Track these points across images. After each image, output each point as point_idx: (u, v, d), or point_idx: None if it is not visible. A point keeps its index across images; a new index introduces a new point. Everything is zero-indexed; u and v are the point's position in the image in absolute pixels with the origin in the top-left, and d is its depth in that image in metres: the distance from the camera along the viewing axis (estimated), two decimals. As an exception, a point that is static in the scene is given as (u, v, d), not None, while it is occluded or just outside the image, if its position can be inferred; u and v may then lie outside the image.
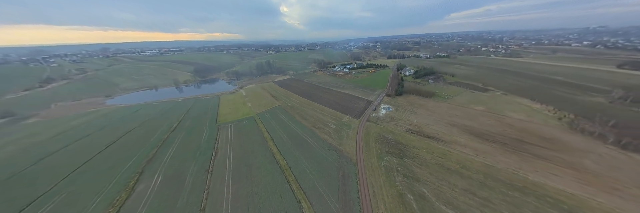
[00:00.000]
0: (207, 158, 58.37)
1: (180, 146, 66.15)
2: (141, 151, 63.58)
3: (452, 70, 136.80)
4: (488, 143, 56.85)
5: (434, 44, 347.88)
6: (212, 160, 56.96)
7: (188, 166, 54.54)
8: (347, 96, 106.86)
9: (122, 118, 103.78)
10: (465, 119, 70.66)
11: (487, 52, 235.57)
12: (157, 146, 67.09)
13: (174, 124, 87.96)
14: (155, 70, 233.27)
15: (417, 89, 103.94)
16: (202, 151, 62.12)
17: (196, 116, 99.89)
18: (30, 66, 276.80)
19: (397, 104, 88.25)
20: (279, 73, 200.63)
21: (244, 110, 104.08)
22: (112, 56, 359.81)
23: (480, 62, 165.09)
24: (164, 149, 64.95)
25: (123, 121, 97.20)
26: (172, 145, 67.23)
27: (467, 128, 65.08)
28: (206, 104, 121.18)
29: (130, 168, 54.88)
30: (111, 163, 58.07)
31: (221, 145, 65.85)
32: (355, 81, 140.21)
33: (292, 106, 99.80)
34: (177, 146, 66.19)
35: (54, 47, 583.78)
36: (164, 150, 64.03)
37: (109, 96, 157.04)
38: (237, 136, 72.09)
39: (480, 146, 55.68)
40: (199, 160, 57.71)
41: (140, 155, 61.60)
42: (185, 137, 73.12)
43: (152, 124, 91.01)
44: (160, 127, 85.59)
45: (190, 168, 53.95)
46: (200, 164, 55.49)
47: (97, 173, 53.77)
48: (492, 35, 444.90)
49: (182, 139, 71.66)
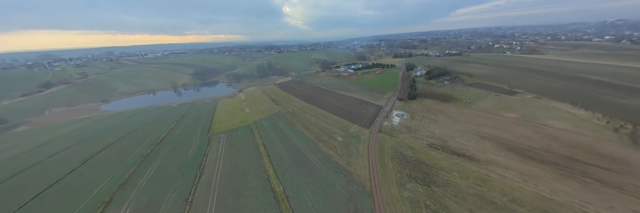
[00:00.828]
0: (190, 180, 48.39)
1: (163, 164, 56.48)
2: (117, 171, 54.18)
3: (469, 69, 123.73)
4: (534, 163, 45.03)
5: (442, 42, 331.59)
6: (195, 184, 46.92)
7: (165, 193, 44.63)
8: (353, 101, 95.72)
9: (111, 126, 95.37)
10: (497, 130, 58.74)
11: (501, 49, 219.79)
12: (137, 163, 57.63)
13: (163, 135, 78.70)
14: (156, 73, 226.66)
15: (432, 91, 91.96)
16: (185, 171, 52.25)
17: (189, 123, 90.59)
18: (35, 70, 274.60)
19: (412, 111, 76.65)
20: (280, 75, 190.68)
21: (241, 117, 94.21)
22: (115, 59, 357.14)
23: (497, 60, 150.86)
24: (143, 167, 55.40)
25: (110, 131, 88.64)
26: (154, 162, 57.65)
27: (502, 142, 53.25)
28: (202, 110, 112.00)
29: (98, 195, 45.29)
30: (78, 186, 48.74)
31: (209, 163, 55.88)
32: (362, 83, 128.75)
33: (293, 113, 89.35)
34: (159, 164, 56.54)
35: (62, 52, 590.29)
36: (143, 169, 54.46)
37: (105, 101, 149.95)
38: (229, 150, 62.05)
39: (526, 167, 43.93)
40: (180, 183, 47.77)
41: (115, 175, 52.14)
42: (171, 152, 63.49)
43: (139, 134, 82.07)
44: (148, 138, 76.47)
45: (168, 195, 44.01)
46: (179, 189, 45.52)
47: (57, 203, 44.43)
48: (502, 31, 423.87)
49: (167, 154, 62.04)
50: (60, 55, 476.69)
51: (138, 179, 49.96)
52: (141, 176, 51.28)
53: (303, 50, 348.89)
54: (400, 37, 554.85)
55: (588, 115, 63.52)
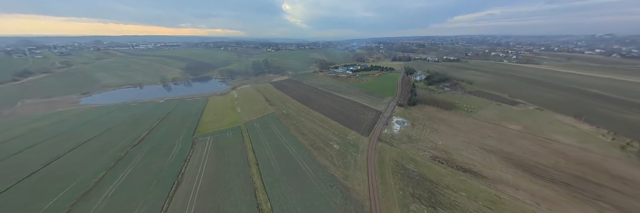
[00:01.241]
0: (164, 192, 42.25)
1: (137, 170, 49.93)
2: (82, 177, 47.27)
3: (468, 76, 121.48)
4: (545, 183, 41.55)
5: (439, 47, 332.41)
6: (169, 198, 40.85)
7: (132, 208, 38.43)
8: (351, 104, 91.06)
9: (87, 122, 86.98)
10: (502, 143, 55.34)
11: (498, 57, 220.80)
12: (106, 168, 50.79)
13: (143, 134, 71.56)
14: (145, 66, 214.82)
15: (432, 98, 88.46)
16: (161, 181, 46.00)
17: (174, 122, 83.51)
18: (13, 57, 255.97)
19: (413, 118, 72.66)
20: (276, 73, 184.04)
21: (231, 117, 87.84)
22: (103, 49, 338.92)
23: (495, 68, 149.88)
24: (113, 174, 48.71)
25: (85, 127, 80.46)
26: (127, 168, 50.98)
27: (508, 157, 49.76)
28: (190, 108, 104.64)
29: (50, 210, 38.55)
30: (27, 199, 41.67)
31: (190, 170, 49.76)
32: (360, 85, 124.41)
33: (288, 115, 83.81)
34: (133, 170, 49.95)
35: (46, 38, 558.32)
36: (112, 176, 47.79)
37: (86, 94, 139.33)
38: (214, 155, 56.03)
39: (537, 187, 40.34)
40: (153, 195, 41.58)
41: (78, 183, 45.28)
42: (148, 155, 56.83)
43: (117, 132, 74.54)
44: (125, 137, 69.21)
45: (135, 211, 37.85)
46: (151, 203, 39.38)
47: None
48: (497, 39, 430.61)
49: (143, 158, 55.39)
50: (45, 42, 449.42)
51: (104, 188, 43.35)
52: (108, 184, 44.64)
53: (301, 49, 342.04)
54: (398, 40, 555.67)
55: (593, 130, 61.20)
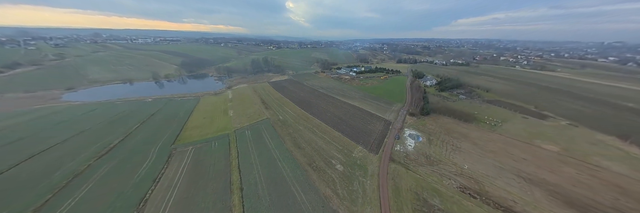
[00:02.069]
0: (117, 230, 32.21)
1: (91, 192, 39.77)
2: (22, 200, 37.18)
3: (483, 83, 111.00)
4: (613, 232, 31.54)
5: (445, 50, 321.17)
6: (119, 239, 30.81)
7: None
8: (356, 111, 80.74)
9: (60, 122, 76.71)
10: (542, 170, 45.16)
11: (507, 62, 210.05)
12: (57, 188, 40.66)
13: (116, 141, 61.37)
14: (140, 60, 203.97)
15: (447, 107, 78.16)
16: (117, 209, 35.88)
17: (155, 126, 73.26)
18: (5, 47, 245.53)
19: (428, 131, 62.40)
20: (276, 72, 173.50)
21: (221, 122, 77.59)
22: (101, 42, 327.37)
23: (509, 74, 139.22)
24: (62, 196, 38.56)
25: (56, 129, 70.26)
26: (80, 188, 40.82)
27: (554, 190, 39.63)
28: (178, 109, 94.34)
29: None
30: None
31: (156, 196, 39.58)
32: (365, 89, 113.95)
33: (285, 121, 73.56)
34: (86, 193, 39.79)
35: (46, 30, 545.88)
36: (59, 199, 37.69)
37: (71, 89, 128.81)
38: (191, 174, 45.88)
39: (605, 240, 30.33)
40: (101, 233, 31.53)
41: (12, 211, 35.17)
42: (113, 171, 46.63)
43: (88, 136, 64.40)
44: (95, 144, 59.06)
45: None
46: (94, 248, 29.34)
47: None
48: (503, 44, 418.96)
49: (105, 175, 45.21)
50: (44, 33, 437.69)
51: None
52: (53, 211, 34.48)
53: (303, 47, 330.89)
54: (402, 41, 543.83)
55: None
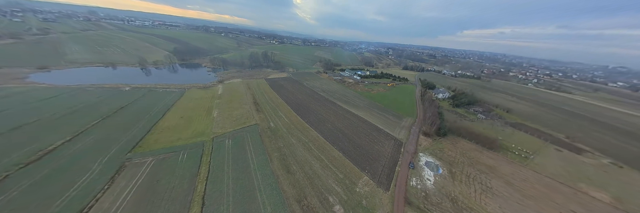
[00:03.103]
0: None
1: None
2: None
3: (501, 101, 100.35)
4: None
5: (451, 60, 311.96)
6: None
7: None
8: (361, 124, 68.72)
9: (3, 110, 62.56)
10: (602, 231, 34.16)
11: (516, 78, 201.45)
12: None
13: (58, 142, 48.01)
14: (130, 43, 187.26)
15: (466, 128, 66.88)
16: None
17: (117, 124, 59.80)
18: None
19: (448, 159, 50.90)
20: (275, 68, 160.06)
21: (200, 124, 64.56)
22: (95, 20, 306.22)
23: (525, 93, 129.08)
24: None
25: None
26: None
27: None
28: (155, 103, 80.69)
29: None
30: None
31: (73, 238, 26.92)
32: (371, 97, 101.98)
33: (276, 130, 61.08)
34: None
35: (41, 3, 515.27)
36: None
37: (43, 69, 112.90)
38: (138, 200, 33.17)
39: None
40: None
41: None
42: (31, 191, 33.56)
43: (26, 133, 50.78)
44: (28, 146, 45.66)
45: None
46: None
47: None
48: (508, 59, 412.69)
49: (22, 193, 32.15)
50: (38, 6, 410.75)
51: None
52: None
53: (307, 45, 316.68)
54: (407, 48, 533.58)
55: None
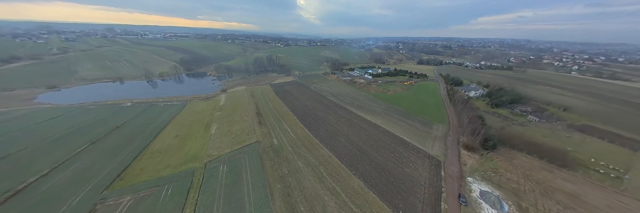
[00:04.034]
0: None
1: None
2: None
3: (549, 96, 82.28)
4: None
5: (470, 50, 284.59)
6: None
7: None
8: (381, 135, 56.27)
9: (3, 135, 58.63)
10: None
11: (552, 66, 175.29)
12: None
13: (34, 178, 41.41)
14: (140, 56, 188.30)
15: (519, 135, 51.97)
16: None
17: (105, 150, 52.97)
18: (16, 40, 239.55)
19: (510, 186, 37.18)
20: (281, 72, 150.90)
21: (195, 145, 56.02)
22: (111, 36, 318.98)
23: (574, 83, 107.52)
24: None
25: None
26: None
27: None
28: (152, 119, 74.21)
29: None
30: None
31: None
32: (388, 99, 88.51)
33: (279, 150, 50.73)
34: None
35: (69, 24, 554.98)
36: None
37: (53, 88, 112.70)
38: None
39: None
40: None
41: None
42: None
43: (9, 164, 45.13)
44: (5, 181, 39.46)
45: None
46: None
47: None
48: (534, 45, 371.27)
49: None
50: (66, 28, 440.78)
51: None
52: None
53: (312, 45, 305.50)
54: (418, 40, 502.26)
55: None
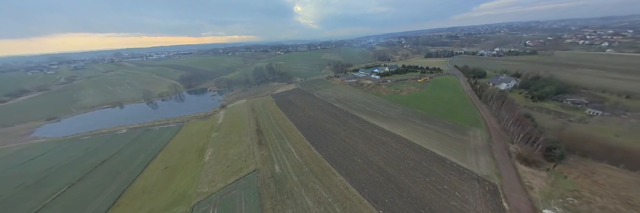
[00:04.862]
0: None
1: None
2: None
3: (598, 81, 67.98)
4: None
5: (479, 38, 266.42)
6: None
7: None
8: (404, 149, 45.05)
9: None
10: None
11: (576, 45, 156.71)
12: None
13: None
14: (142, 78, 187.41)
15: (585, 136, 39.29)
16: None
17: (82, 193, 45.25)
18: (28, 73, 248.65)
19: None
20: (282, 81, 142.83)
21: (185, 179, 47.22)
22: (117, 61, 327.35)
23: (621, 63, 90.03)
24: None
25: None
26: None
27: None
28: (143, 148, 66.85)
29: None
30: None
31: None
32: (404, 101, 76.82)
33: (282, 180, 40.80)
34: None
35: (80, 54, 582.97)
36: None
37: (53, 120, 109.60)
38: None
39: None
40: None
41: None
42: None
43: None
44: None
45: None
46: None
47: None
48: (547, 25, 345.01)
49: None
50: (78, 57, 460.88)
51: None
52: None
53: (312, 49, 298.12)
54: (419, 33, 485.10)
55: None
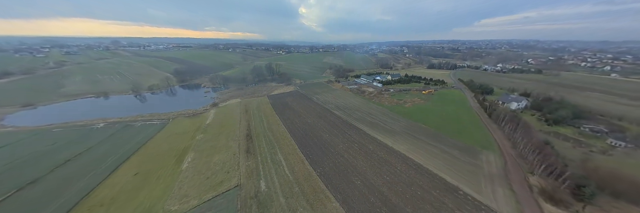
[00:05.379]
0: None
1: None
2: None
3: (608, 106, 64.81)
4: None
5: (480, 52, 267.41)
6: None
7: None
8: (411, 172, 39.79)
9: None
10: None
11: (578, 67, 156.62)
12: None
13: None
14: (135, 68, 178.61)
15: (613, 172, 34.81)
16: None
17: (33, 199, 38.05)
18: (15, 55, 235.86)
19: None
20: (281, 81, 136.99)
21: (155, 190, 40.63)
22: (113, 49, 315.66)
23: (630, 89, 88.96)
24: None
25: None
26: None
27: None
28: (119, 146, 59.70)
29: None
30: None
31: None
32: (408, 114, 71.94)
33: (267, 204, 34.78)
34: None
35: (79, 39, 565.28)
36: None
37: (29, 106, 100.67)
38: None
39: None
40: None
41: None
42: None
43: None
44: None
45: None
46: None
47: None
48: (546, 44, 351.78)
49: None
50: (72, 42, 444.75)
51: None
52: None
53: (315, 52, 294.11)
54: (421, 44, 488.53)
55: None
